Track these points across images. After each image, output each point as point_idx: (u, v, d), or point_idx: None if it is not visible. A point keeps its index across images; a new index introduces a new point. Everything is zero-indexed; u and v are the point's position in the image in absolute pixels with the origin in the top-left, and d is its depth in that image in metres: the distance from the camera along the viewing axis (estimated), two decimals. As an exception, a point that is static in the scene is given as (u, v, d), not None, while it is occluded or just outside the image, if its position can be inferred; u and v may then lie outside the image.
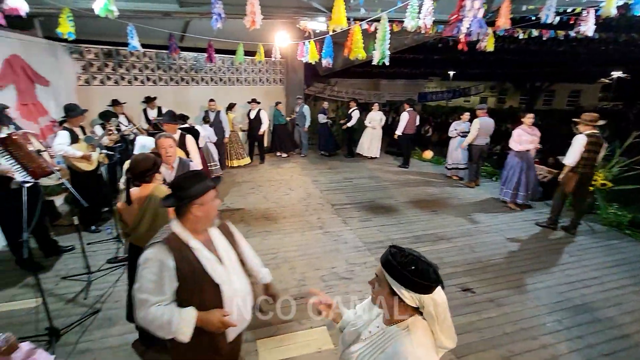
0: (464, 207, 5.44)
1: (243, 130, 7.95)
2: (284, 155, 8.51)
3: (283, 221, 4.76)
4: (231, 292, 1.54)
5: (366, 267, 3.68)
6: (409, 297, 1.05)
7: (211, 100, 6.76)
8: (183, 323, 1.38)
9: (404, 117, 7.43)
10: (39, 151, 3.17)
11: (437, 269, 1.08)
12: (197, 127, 5.33)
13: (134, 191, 2.25)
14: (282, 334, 2.69)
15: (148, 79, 6.98)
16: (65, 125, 3.99)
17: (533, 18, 5.38)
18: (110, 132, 4.50)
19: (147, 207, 2.18)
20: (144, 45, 4.53)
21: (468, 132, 6.62)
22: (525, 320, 2.95)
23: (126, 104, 6.05)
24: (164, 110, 6.25)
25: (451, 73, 19.95)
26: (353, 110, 8.39)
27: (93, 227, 4.37)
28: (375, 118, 8.36)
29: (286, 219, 4.87)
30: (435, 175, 7.24)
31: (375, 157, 8.56)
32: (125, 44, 6.37)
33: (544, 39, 5.89)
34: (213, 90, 7.62)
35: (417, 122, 7.84)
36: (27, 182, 2.73)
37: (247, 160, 7.72)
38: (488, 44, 5.16)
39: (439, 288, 1.07)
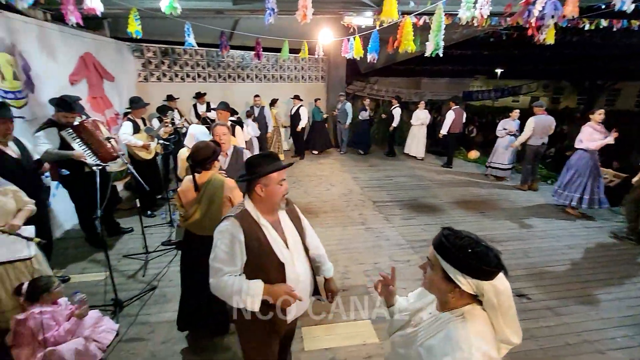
0: (515, 210, 5.11)
1: (284, 127, 8.12)
2: (315, 152, 8.51)
3: (324, 215, 4.79)
4: (293, 275, 1.56)
5: (410, 265, 3.58)
6: (466, 283, 0.97)
7: (256, 95, 6.98)
8: (252, 292, 1.42)
9: (450, 116, 7.14)
10: (107, 138, 3.47)
11: (500, 253, 0.98)
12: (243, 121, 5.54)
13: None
14: (326, 324, 2.71)
15: (199, 76, 7.36)
16: (129, 116, 4.33)
17: (603, 7, 4.92)
18: (167, 124, 4.81)
19: (204, 193, 2.26)
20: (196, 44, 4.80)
21: (517, 130, 6.22)
22: (589, 332, 2.70)
23: (179, 99, 6.43)
24: (212, 106, 6.58)
25: (499, 71, 18.83)
26: (394, 108, 8.22)
27: (149, 212, 4.69)
28: (421, 116, 8.09)
29: (327, 213, 4.89)
30: (480, 176, 6.88)
31: (421, 158, 8.24)
32: (179, 43, 6.77)
33: (614, 29, 5.36)
34: (257, 86, 7.87)
35: (464, 120, 7.50)
36: (100, 165, 3.00)
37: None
38: (548, 36, 4.78)
39: (501, 275, 0.97)
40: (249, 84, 7.92)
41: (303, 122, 7.75)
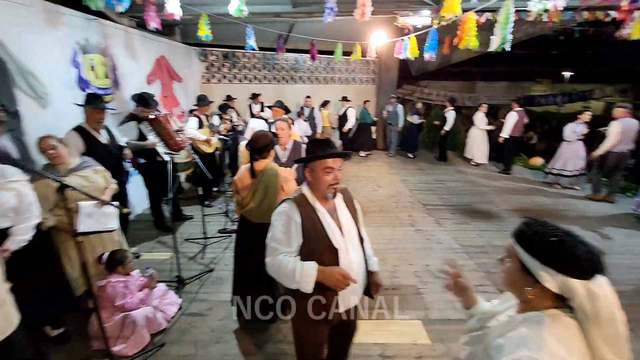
0: (586, 222, 4.61)
1: (333, 128, 8.21)
2: (363, 154, 8.45)
3: (372, 215, 4.74)
4: (347, 262, 1.57)
5: (464, 270, 3.39)
6: (548, 279, 0.83)
7: (308, 97, 7.17)
8: (306, 273, 1.45)
9: (512, 117, 6.66)
10: (176, 131, 3.80)
11: (600, 253, 0.82)
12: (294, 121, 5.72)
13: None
14: (375, 320, 2.67)
15: (255, 78, 7.77)
16: (195, 113, 4.71)
17: None
18: (226, 121, 5.14)
19: (260, 181, 2.36)
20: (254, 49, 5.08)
21: (587, 134, 5.66)
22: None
23: (236, 99, 6.83)
24: (265, 105, 6.88)
25: (567, 74, 17.15)
26: (448, 111, 7.89)
27: (206, 202, 5.02)
28: (483, 120, 7.58)
29: (375, 213, 4.84)
30: (544, 184, 6.31)
31: (483, 164, 7.68)
32: (239, 48, 7.20)
33: None
34: (309, 88, 8.07)
35: (527, 121, 6.96)
36: (172, 153, 3.30)
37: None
38: (633, 31, 4.28)
39: (602, 280, 0.80)
40: (300, 85, 8.16)
41: (350, 124, 7.78)
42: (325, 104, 7.70)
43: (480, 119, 7.61)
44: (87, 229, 2.37)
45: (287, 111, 5.65)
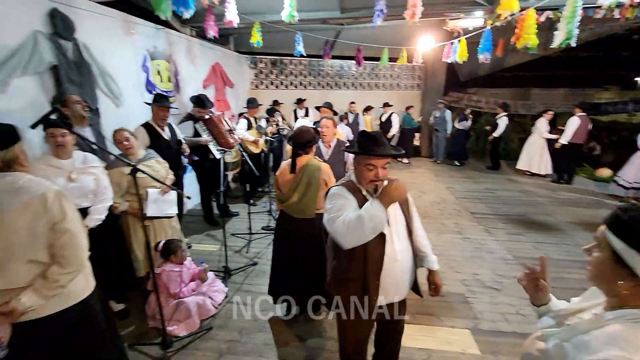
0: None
1: (375, 133, 8.16)
2: (405, 161, 8.24)
3: (416, 220, 4.59)
4: (391, 251, 1.55)
5: (517, 282, 3.15)
6: None
7: (352, 102, 7.22)
8: (372, 211, 1.36)
9: (573, 123, 6.13)
10: (229, 131, 4.02)
11: None
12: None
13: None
14: (419, 324, 2.57)
15: (300, 84, 8.01)
16: (245, 115, 4.96)
17: None
18: (272, 124, 5.33)
19: (301, 176, 2.38)
20: (300, 55, 5.25)
21: None
22: None
23: (283, 104, 7.08)
24: (310, 111, 7.04)
25: (640, 79, 15.36)
26: (500, 117, 7.46)
27: (251, 201, 5.22)
28: (546, 127, 6.93)
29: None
30: (611, 197, 5.67)
31: (541, 174, 7.01)
32: (286, 55, 7.49)
33: None
34: (352, 94, 8.13)
35: (590, 128, 6.35)
36: (223, 151, 3.50)
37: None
38: None
39: None
40: (344, 91, 8.25)
41: (394, 129, 7.66)
42: (368, 109, 7.69)
43: (543, 126, 6.96)
44: (153, 214, 2.60)
45: (335, 113, 5.76)
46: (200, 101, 3.98)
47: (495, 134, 7.37)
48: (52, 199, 1.29)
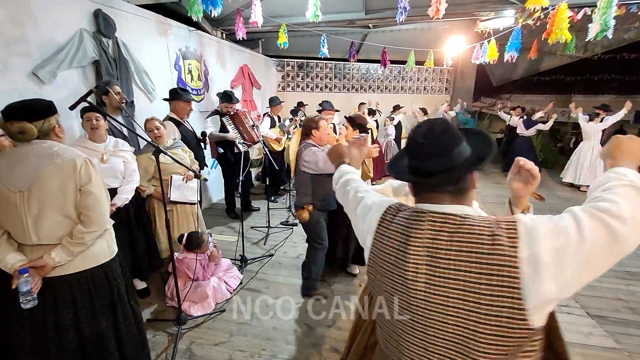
0: None
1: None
2: None
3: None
4: None
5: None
6: None
7: (362, 103, 7.19)
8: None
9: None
10: (252, 126, 4.17)
11: None
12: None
13: None
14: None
15: (326, 87, 8.11)
16: (269, 113, 5.12)
17: None
18: (296, 122, 5.44)
19: None
20: (325, 58, 5.35)
21: None
22: None
23: (307, 105, 7.19)
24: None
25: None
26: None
27: (272, 198, 5.34)
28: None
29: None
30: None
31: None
32: (312, 59, 7.63)
33: None
34: (378, 97, 8.10)
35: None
36: (249, 144, 3.63)
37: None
38: None
39: None
40: (370, 94, 8.24)
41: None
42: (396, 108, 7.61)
43: (593, 131, 6.12)
44: (176, 199, 2.75)
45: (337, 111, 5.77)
46: (227, 96, 4.16)
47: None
48: (80, 164, 1.45)
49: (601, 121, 6.13)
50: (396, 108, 7.52)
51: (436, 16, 3.56)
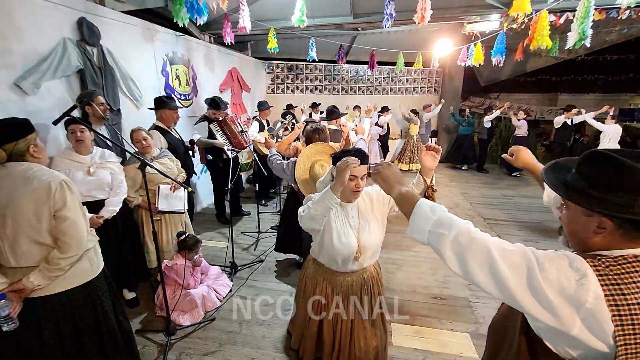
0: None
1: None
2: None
3: (425, 224, 4.54)
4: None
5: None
6: None
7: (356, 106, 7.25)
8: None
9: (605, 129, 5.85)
10: (240, 131, 4.16)
11: None
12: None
13: None
14: (418, 326, 2.56)
15: (315, 88, 8.14)
16: (257, 117, 5.12)
17: None
18: (285, 125, 5.45)
19: None
20: (314, 60, 5.35)
21: None
22: None
23: (297, 107, 7.20)
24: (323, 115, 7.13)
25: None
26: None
27: (263, 201, 5.35)
28: (617, 131, 5.95)
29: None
30: None
31: None
32: (301, 61, 7.62)
33: None
34: (368, 98, 8.14)
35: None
36: (237, 150, 3.63)
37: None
38: None
39: None
40: (360, 96, 8.29)
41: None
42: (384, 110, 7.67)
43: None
44: (164, 209, 2.75)
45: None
46: (214, 103, 4.14)
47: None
48: (55, 188, 1.42)
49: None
50: (384, 109, 7.57)
51: (422, 22, 3.61)
